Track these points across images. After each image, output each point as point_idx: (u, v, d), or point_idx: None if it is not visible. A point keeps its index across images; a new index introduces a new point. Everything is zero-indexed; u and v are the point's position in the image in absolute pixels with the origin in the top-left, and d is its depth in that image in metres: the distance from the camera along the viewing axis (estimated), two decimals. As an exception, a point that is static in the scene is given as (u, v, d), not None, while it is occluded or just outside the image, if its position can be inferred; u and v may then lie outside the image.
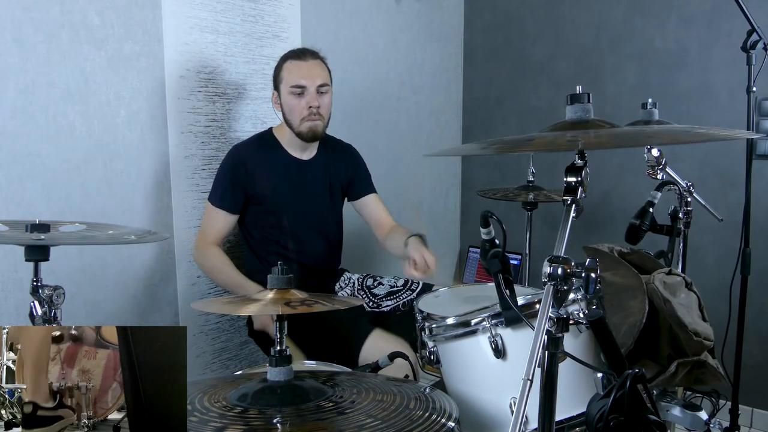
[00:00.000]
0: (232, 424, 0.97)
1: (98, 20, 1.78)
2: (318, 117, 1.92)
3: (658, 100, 1.90)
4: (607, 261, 1.67)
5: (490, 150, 1.19)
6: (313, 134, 1.94)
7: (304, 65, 1.90)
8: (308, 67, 1.90)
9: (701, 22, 2.56)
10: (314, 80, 1.89)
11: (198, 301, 1.71)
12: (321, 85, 1.91)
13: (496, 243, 1.25)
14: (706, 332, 1.52)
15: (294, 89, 1.89)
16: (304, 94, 1.89)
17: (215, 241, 1.96)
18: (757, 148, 2.44)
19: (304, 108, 1.90)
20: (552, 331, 0.95)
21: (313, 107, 1.90)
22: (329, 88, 1.95)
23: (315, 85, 1.89)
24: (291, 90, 1.89)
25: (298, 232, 2.01)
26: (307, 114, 1.90)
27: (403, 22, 2.89)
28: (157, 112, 1.94)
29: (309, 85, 1.89)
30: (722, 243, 2.51)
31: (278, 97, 1.95)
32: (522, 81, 3.11)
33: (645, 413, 0.99)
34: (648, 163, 1.86)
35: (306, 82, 1.89)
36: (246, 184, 1.93)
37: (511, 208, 2.66)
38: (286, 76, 1.91)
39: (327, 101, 1.95)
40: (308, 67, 1.90)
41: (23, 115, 1.65)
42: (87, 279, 1.82)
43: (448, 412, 1.02)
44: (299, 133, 1.94)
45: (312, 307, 1.07)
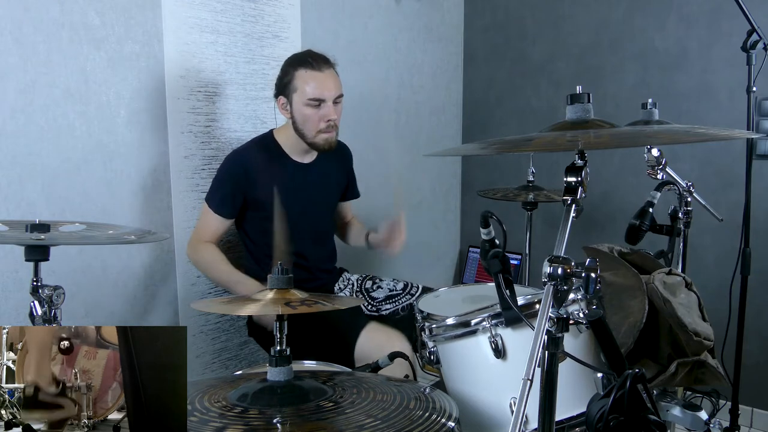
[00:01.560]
0: (232, 424, 0.97)
1: (98, 20, 1.78)
2: (334, 129, 1.91)
3: (658, 100, 1.90)
4: (607, 261, 1.67)
5: (490, 150, 1.19)
6: (329, 146, 1.93)
7: (320, 77, 1.85)
8: (325, 78, 1.86)
9: (701, 22, 2.56)
10: (332, 93, 1.86)
11: (198, 301, 1.71)
12: (337, 97, 1.89)
13: (496, 243, 1.25)
14: (706, 332, 1.52)
15: (311, 102, 1.85)
16: (321, 107, 1.86)
17: (209, 241, 1.95)
18: (757, 148, 2.44)
19: (321, 120, 1.87)
20: (552, 331, 0.95)
21: (332, 120, 1.88)
22: (342, 98, 1.93)
23: (332, 97, 1.87)
24: (308, 102, 1.85)
25: (299, 237, 2.01)
26: (325, 126, 1.88)
27: (403, 22, 2.89)
28: (157, 112, 1.94)
29: (327, 98, 1.86)
30: (722, 243, 2.51)
31: (288, 104, 1.90)
32: (522, 81, 3.11)
33: (645, 413, 0.99)
34: (648, 163, 1.86)
35: (324, 95, 1.85)
36: (246, 190, 1.92)
37: (511, 208, 2.66)
38: (301, 86, 1.85)
39: (340, 110, 1.93)
40: (325, 79, 1.86)
41: (23, 115, 1.65)
42: (87, 279, 1.82)
43: (448, 412, 1.02)
44: (313, 144, 1.92)
45: (312, 307, 1.07)
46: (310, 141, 1.92)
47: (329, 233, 2.14)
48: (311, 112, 1.86)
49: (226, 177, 1.92)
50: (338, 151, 2.13)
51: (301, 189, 2.00)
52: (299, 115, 1.89)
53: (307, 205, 2.01)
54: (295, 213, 1.98)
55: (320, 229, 2.09)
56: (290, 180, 1.98)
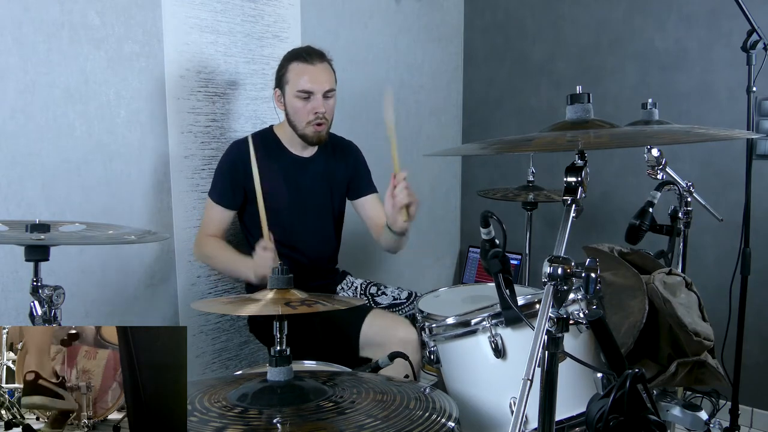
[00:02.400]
0: (232, 424, 0.97)
1: (98, 20, 1.78)
2: (323, 121, 1.92)
3: (658, 100, 1.90)
4: (607, 261, 1.67)
5: (490, 150, 1.19)
6: (318, 138, 1.95)
7: (311, 69, 1.87)
8: (316, 71, 1.88)
9: (701, 22, 2.56)
10: (322, 86, 1.88)
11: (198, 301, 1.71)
12: (328, 91, 1.90)
13: (496, 243, 1.25)
14: (706, 332, 1.52)
15: (301, 93, 1.87)
16: (310, 99, 1.88)
17: (214, 234, 1.96)
18: (757, 148, 2.44)
19: (309, 112, 1.89)
20: (552, 331, 0.95)
21: (320, 113, 1.89)
22: (335, 93, 1.94)
23: (322, 90, 1.88)
24: (297, 94, 1.87)
25: (299, 231, 2.01)
26: (313, 119, 1.90)
27: (403, 22, 2.89)
28: (157, 112, 1.94)
29: (316, 90, 1.87)
30: (722, 243, 2.51)
31: (281, 96, 1.94)
32: (522, 81, 3.11)
33: (645, 413, 0.99)
34: (648, 163, 1.86)
35: (314, 88, 1.87)
36: (245, 182, 1.92)
37: (511, 208, 2.66)
38: (293, 79, 1.88)
39: (332, 105, 1.94)
40: (316, 72, 1.88)
41: (23, 115, 1.65)
42: (87, 279, 1.82)
43: (448, 412, 1.02)
44: (303, 136, 1.94)
45: (312, 307, 1.07)
46: (300, 133, 1.94)
47: (330, 230, 2.13)
48: (300, 105, 1.88)
49: (225, 168, 1.95)
50: (342, 148, 2.13)
51: (299, 182, 2.00)
52: (290, 107, 1.92)
53: (306, 198, 2.02)
54: (291, 205, 1.99)
55: (319, 224, 2.09)
56: (289, 173, 1.99)
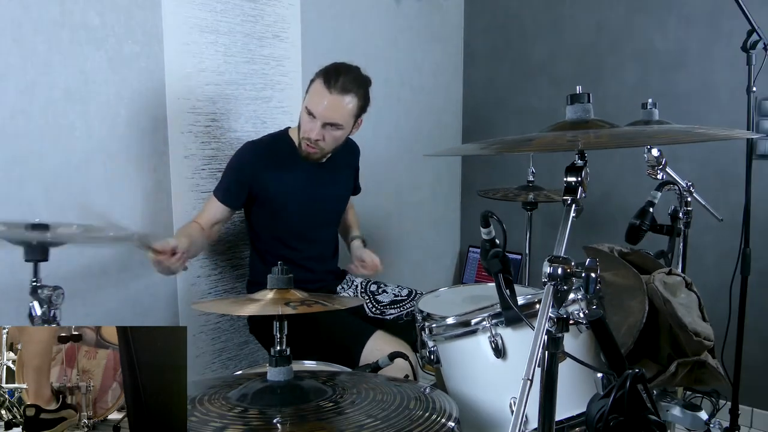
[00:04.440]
0: (232, 424, 0.97)
1: (98, 20, 1.78)
2: (315, 147, 1.90)
3: (658, 100, 1.90)
4: (607, 261, 1.67)
5: (490, 150, 1.19)
6: (306, 156, 1.94)
7: (325, 95, 1.83)
8: (328, 100, 1.83)
9: (701, 22, 2.56)
10: (324, 116, 1.84)
11: (198, 301, 1.71)
12: (331, 124, 1.86)
13: (496, 243, 1.25)
14: (706, 332, 1.52)
15: (307, 110, 1.86)
16: (312, 120, 1.86)
17: (198, 221, 1.92)
18: (757, 148, 2.44)
19: (308, 132, 1.87)
20: (552, 331, 0.95)
21: (311, 139, 1.87)
22: (342, 128, 1.88)
23: (324, 120, 1.84)
24: (305, 108, 1.87)
25: (307, 234, 2.01)
26: (306, 138, 1.89)
27: (403, 22, 2.89)
28: (157, 112, 1.94)
29: (318, 117, 1.84)
30: (722, 243, 2.51)
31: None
32: (522, 81, 3.11)
33: (645, 413, 0.99)
34: (648, 163, 1.86)
35: (317, 113, 1.84)
36: (251, 183, 1.92)
37: (511, 208, 2.66)
38: (309, 93, 1.87)
39: (334, 136, 1.89)
40: (327, 100, 1.83)
41: (23, 116, 1.65)
42: (87, 279, 1.82)
43: (448, 412, 1.02)
44: (299, 147, 1.94)
45: (312, 307, 1.07)
46: (297, 143, 1.94)
47: (334, 232, 2.15)
48: (305, 119, 1.88)
49: (233, 168, 1.95)
50: (348, 148, 2.13)
51: (309, 186, 2.00)
52: (300, 116, 1.92)
53: (315, 201, 2.02)
54: (302, 209, 1.98)
55: (327, 226, 2.10)
56: (299, 176, 1.98)
